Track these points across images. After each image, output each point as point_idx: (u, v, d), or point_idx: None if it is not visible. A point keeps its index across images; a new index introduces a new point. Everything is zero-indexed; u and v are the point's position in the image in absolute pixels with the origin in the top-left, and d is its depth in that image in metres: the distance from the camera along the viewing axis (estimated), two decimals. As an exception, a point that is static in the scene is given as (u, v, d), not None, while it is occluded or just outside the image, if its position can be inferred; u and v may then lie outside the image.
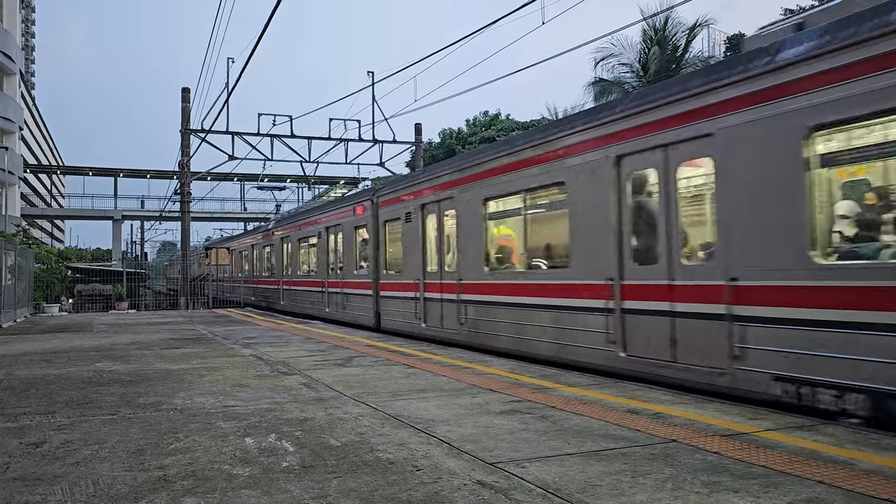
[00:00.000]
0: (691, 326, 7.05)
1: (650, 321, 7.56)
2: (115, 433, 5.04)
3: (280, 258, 24.37)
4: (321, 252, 19.58)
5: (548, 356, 9.18)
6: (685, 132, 7.12)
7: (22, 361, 9.52)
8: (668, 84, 7.97)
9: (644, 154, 7.69)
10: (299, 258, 22.39)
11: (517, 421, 5.32)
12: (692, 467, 4.01)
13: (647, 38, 28.39)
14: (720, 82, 6.79)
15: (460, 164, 11.99)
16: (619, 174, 8.05)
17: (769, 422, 5.20)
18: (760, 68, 6.38)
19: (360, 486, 3.71)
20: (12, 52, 43.57)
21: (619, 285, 7.98)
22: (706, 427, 5.02)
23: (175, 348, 11.11)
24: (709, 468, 3.99)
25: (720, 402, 6.04)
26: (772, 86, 6.27)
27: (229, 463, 4.21)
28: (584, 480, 3.79)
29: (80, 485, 3.80)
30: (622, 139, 7.97)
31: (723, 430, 4.93)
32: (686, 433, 4.84)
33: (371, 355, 9.79)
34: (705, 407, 5.79)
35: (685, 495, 3.52)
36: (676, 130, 7.22)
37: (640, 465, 4.06)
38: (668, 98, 7.37)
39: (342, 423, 5.34)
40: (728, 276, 6.61)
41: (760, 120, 6.38)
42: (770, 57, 6.35)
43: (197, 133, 25.95)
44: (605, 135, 8.23)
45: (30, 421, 5.54)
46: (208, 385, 7.25)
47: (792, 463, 4.06)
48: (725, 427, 5.01)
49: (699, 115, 6.98)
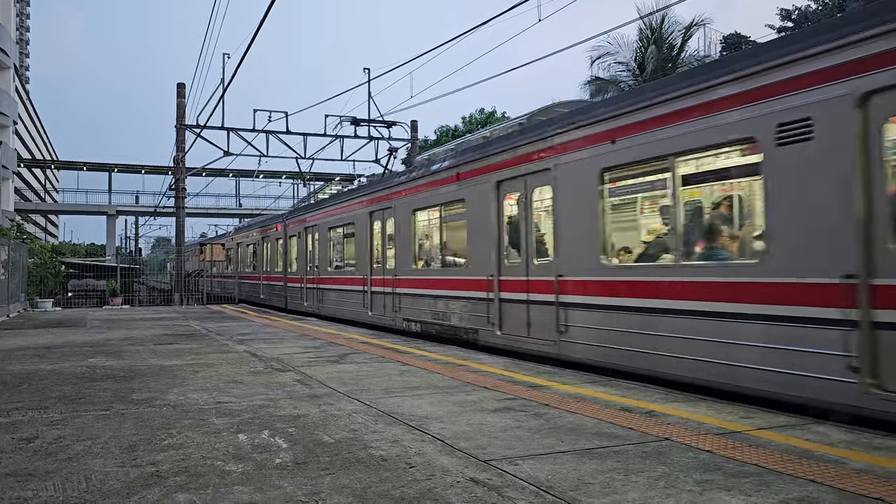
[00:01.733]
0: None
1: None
2: (108, 429, 5.03)
3: (236, 259, 31.84)
4: (272, 253, 25.42)
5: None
6: (536, 167, 9.40)
7: (15, 357, 9.48)
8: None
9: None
10: (248, 259, 29.47)
11: (511, 418, 5.33)
12: (685, 465, 4.02)
13: (643, 37, 28.41)
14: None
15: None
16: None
17: (761, 420, 5.22)
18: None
19: (352, 483, 3.71)
20: (7, 46, 43.35)
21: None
22: (699, 425, 5.04)
23: (168, 344, 11.08)
24: (701, 466, 4.00)
25: (713, 400, 6.06)
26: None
27: (222, 459, 4.20)
28: (577, 478, 3.79)
29: (73, 480, 3.79)
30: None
31: (715, 428, 4.95)
32: (679, 431, 4.85)
33: (365, 352, 9.78)
34: (698, 405, 5.81)
35: (677, 493, 3.53)
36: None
37: (632, 464, 4.07)
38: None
39: (336, 419, 5.34)
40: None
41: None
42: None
43: (192, 128, 25.85)
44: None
45: (22, 416, 5.51)
46: (202, 381, 7.23)
47: (784, 462, 4.08)
48: (718, 426, 5.03)
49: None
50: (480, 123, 44.30)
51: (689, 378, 6.86)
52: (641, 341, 7.48)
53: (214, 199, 63.53)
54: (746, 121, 6.34)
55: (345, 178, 44.79)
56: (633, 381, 7.18)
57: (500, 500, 3.45)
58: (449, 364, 8.47)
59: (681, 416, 5.38)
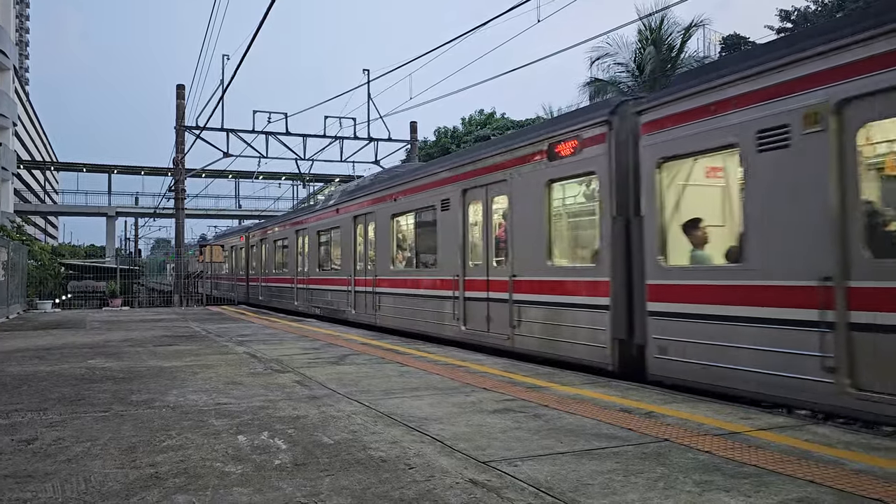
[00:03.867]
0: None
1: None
2: (108, 430, 5.03)
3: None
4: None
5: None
6: (494, 178, 10.49)
7: (14, 358, 9.48)
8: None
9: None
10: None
11: (510, 419, 5.33)
12: (684, 466, 4.02)
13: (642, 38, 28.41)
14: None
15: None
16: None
17: (761, 421, 5.22)
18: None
19: (352, 484, 3.71)
20: (6, 48, 43.38)
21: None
22: (698, 426, 5.04)
23: (168, 345, 11.08)
24: (700, 467, 4.00)
25: (712, 401, 6.06)
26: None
27: (221, 460, 4.20)
28: (577, 479, 3.79)
29: (72, 482, 3.79)
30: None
31: (715, 429, 4.95)
32: (678, 432, 4.85)
33: (365, 353, 9.78)
34: (697, 406, 5.81)
35: (676, 494, 3.53)
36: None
37: (632, 464, 4.07)
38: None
39: (335, 420, 5.34)
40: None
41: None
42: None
43: (192, 130, 25.89)
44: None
45: (21, 418, 5.51)
46: (201, 382, 7.23)
47: (783, 462, 4.08)
48: (717, 426, 5.03)
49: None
50: (480, 124, 44.25)
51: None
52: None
53: (214, 201, 63.75)
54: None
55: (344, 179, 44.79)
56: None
57: (499, 501, 3.45)
58: (448, 365, 8.47)
59: (680, 416, 5.38)
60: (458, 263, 11.30)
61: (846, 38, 5.47)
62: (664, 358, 7.14)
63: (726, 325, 6.40)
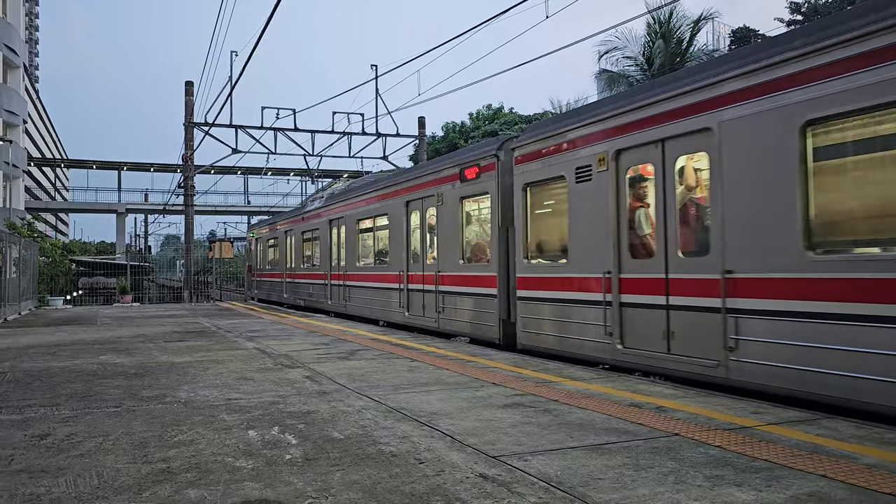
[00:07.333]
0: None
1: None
2: (119, 425, 5.06)
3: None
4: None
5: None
6: (428, 192, 12.84)
7: (27, 354, 9.56)
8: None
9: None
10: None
11: (520, 414, 5.33)
12: (695, 461, 4.01)
13: (651, 32, 28.27)
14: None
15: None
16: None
17: (771, 416, 5.20)
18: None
19: (362, 479, 3.72)
20: (16, 46, 43.57)
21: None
22: (709, 421, 5.02)
23: (179, 341, 11.14)
24: (711, 462, 3.99)
25: (723, 396, 6.04)
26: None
27: (232, 455, 4.22)
28: (587, 474, 3.79)
29: (85, 477, 3.82)
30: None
31: (725, 424, 4.93)
32: (689, 427, 4.84)
33: (374, 349, 9.80)
34: (708, 401, 5.79)
35: (687, 489, 3.52)
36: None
37: (642, 459, 4.06)
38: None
39: (345, 416, 5.35)
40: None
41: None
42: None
43: (200, 126, 25.96)
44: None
45: (34, 413, 5.56)
46: (212, 378, 7.27)
47: (794, 457, 4.06)
48: (728, 421, 5.01)
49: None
50: (488, 119, 44.16)
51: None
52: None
53: (223, 197, 63.84)
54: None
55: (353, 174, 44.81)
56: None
57: (509, 495, 3.46)
58: (458, 360, 8.47)
59: (690, 411, 5.37)
60: (404, 260, 13.84)
61: (623, 107, 7.86)
62: (526, 331, 9.76)
63: (558, 306, 9.06)
